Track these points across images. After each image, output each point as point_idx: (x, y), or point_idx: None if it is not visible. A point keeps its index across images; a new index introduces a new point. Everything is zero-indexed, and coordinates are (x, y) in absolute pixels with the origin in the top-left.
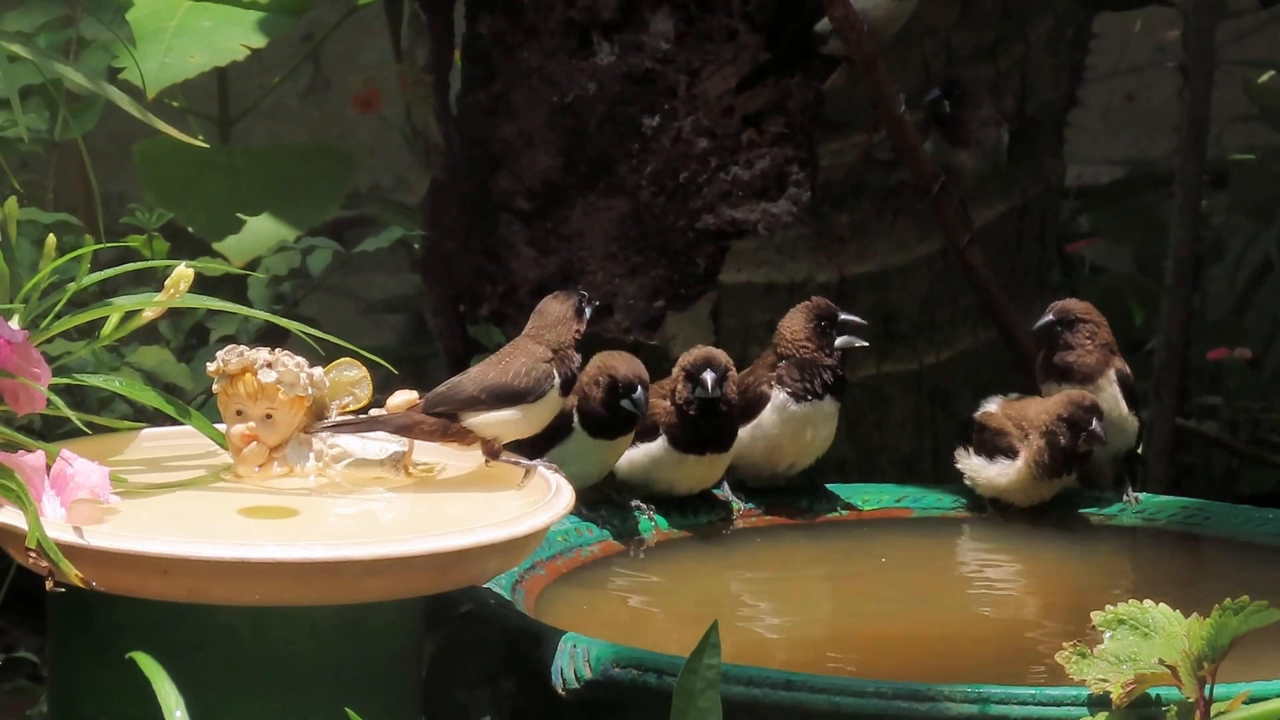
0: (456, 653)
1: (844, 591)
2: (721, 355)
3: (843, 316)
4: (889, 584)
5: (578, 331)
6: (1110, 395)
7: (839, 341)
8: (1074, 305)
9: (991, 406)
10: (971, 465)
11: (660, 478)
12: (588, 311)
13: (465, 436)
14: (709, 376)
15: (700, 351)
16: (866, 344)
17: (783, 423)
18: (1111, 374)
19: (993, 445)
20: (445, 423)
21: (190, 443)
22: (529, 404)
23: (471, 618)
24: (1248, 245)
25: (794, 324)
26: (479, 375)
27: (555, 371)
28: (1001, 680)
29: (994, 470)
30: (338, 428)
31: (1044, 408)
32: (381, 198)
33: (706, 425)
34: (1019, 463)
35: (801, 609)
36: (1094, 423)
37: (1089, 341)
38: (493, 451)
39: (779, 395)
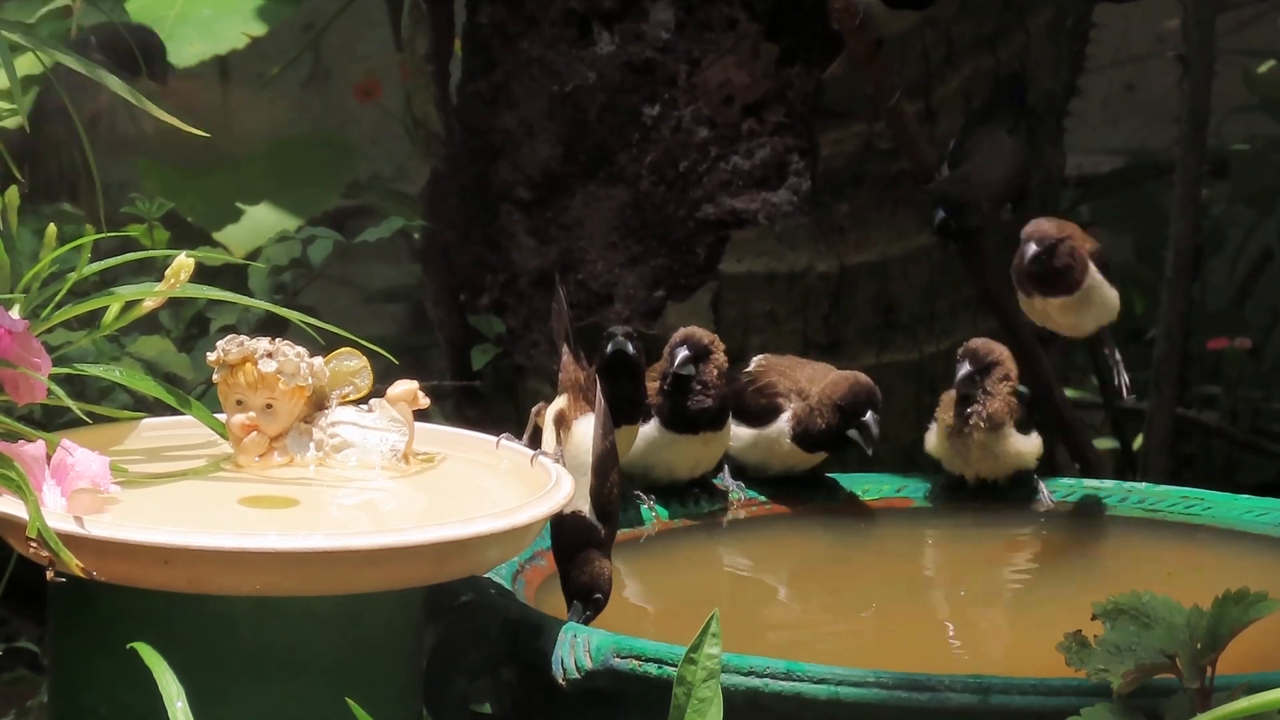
0: (457, 643)
1: (844, 581)
2: (705, 335)
3: (869, 416)
4: (890, 573)
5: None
6: (1096, 285)
7: (850, 431)
8: (1048, 229)
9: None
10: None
11: (658, 460)
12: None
13: (565, 422)
14: (681, 354)
15: (684, 330)
16: (870, 452)
17: (779, 440)
18: (1091, 268)
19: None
20: (581, 396)
21: (191, 432)
22: (587, 492)
23: (472, 607)
24: (1248, 235)
25: (836, 387)
26: (602, 432)
27: (614, 524)
28: (1002, 670)
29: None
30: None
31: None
32: (382, 187)
33: (683, 403)
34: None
35: (802, 598)
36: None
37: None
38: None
39: (784, 422)
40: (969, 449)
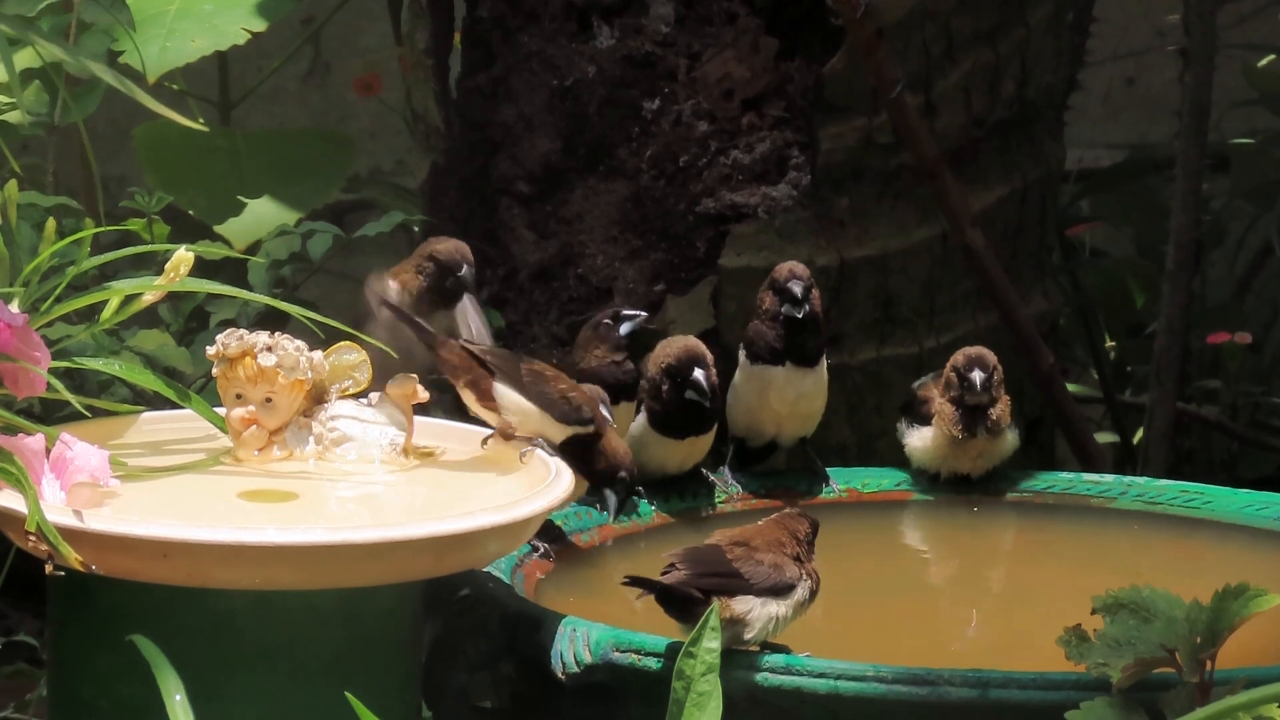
0: (456, 637)
1: (843, 575)
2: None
3: (698, 373)
4: (889, 568)
5: (596, 354)
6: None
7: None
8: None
9: (927, 378)
10: (901, 434)
11: (648, 458)
12: (614, 332)
13: (487, 399)
14: (699, 374)
15: (682, 344)
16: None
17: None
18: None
19: (916, 413)
20: (481, 374)
21: (190, 426)
22: (553, 420)
23: (471, 602)
24: (1248, 230)
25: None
26: (539, 367)
27: (594, 415)
28: (1002, 664)
29: (914, 436)
30: (393, 311)
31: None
32: (381, 181)
33: (684, 412)
34: (933, 425)
35: None
36: (975, 371)
37: None
38: (507, 435)
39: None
40: (966, 452)
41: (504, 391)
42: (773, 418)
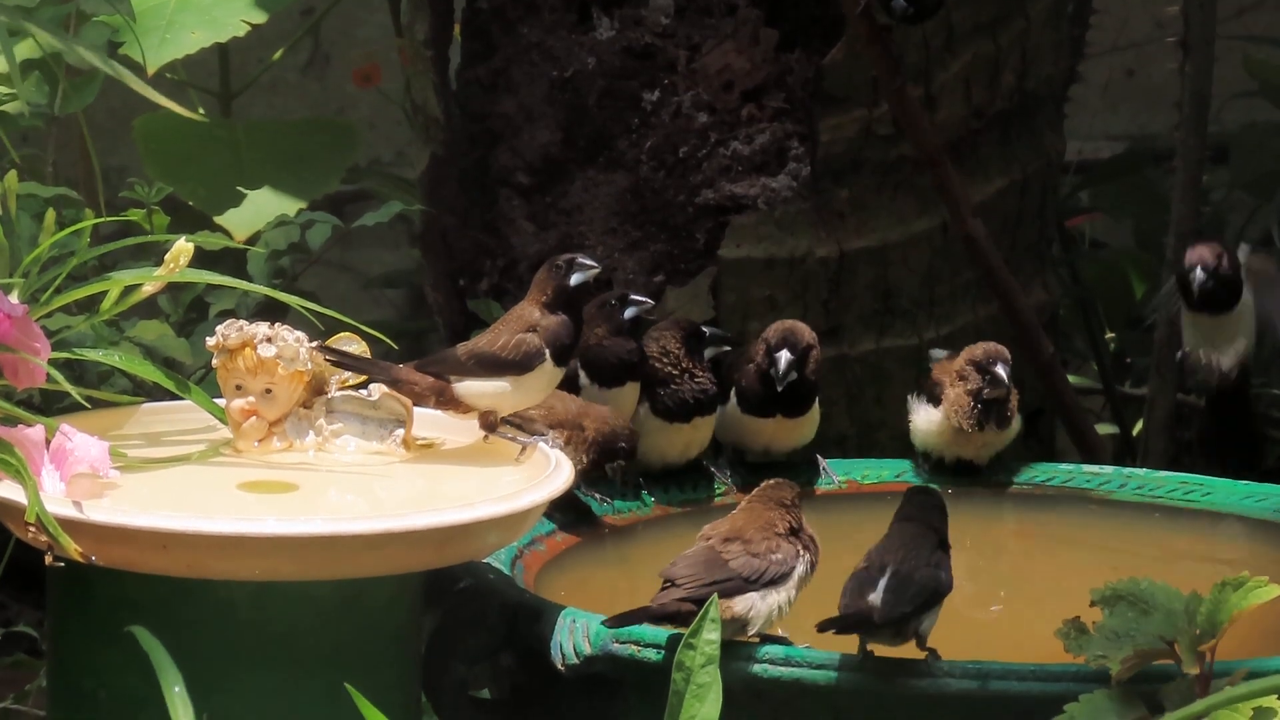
0: (456, 628)
1: (843, 567)
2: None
3: (782, 353)
4: None
5: (546, 294)
6: None
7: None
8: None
9: (943, 355)
10: (911, 409)
11: (649, 447)
12: (570, 274)
13: (458, 405)
14: (783, 357)
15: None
16: (779, 389)
17: (732, 412)
18: None
19: (927, 392)
20: (440, 386)
21: (190, 417)
22: (518, 376)
23: (471, 593)
24: (1248, 221)
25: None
26: (472, 342)
27: (544, 343)
28: (1002, 656)
29: (920, 417)
30: (338, 361)
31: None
32: (381, 172)
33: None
34: (940, 412)
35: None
36: (999, 365)
37: None
38: (489, 424)
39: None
40: (971, 441)
41: (463, 388)
42: (762, 445)
